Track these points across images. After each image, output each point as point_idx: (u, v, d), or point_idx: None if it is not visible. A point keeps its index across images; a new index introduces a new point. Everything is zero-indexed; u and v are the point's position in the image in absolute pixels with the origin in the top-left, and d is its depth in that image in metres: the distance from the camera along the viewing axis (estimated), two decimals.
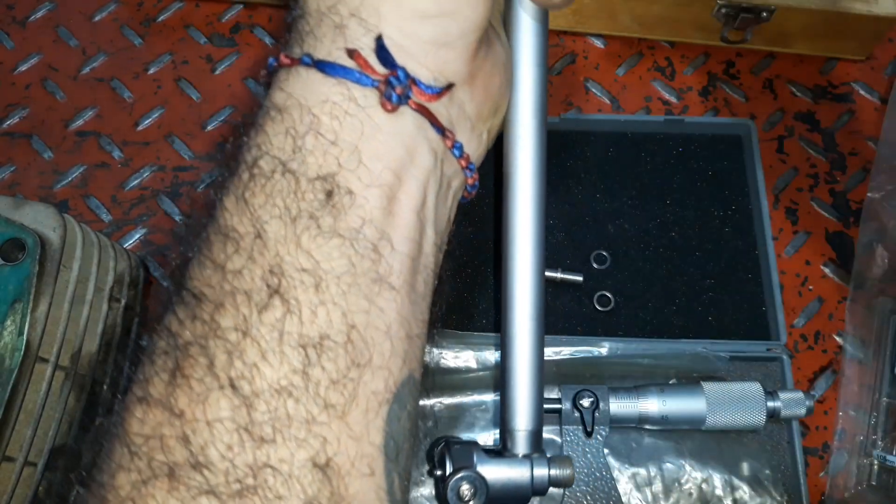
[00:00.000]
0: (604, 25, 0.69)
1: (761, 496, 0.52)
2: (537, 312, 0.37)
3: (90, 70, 0.70)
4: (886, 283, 0.57)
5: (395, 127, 0.29)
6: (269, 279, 0.26)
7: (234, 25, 0.72)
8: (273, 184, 0.28)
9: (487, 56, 0.33)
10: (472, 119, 0.33)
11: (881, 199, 0.59)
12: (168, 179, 0.66)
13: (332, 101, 0.29)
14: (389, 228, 0.29)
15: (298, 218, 0.27)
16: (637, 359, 0.55)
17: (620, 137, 0.65)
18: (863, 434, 0.54)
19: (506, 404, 0.38)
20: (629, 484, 0.53)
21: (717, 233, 0.61)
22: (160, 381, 0.26)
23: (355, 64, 0.29)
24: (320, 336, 0.26)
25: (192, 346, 0.26)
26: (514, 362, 0.38)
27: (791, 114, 0.67)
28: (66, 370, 0.48)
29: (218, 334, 0.26)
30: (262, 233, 0.27)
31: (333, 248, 0.27)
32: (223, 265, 0.27)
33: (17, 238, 0.45)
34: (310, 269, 0.27)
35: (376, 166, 0.28)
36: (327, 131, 0.28)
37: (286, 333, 0.26)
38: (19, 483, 0.46)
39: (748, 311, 0.59)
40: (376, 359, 0.28)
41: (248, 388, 0.25)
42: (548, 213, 0.62)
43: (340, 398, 0.26)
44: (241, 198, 0.28)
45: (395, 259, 0.29)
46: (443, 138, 0.31)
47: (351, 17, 0.29)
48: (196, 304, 0.27)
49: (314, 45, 0.29)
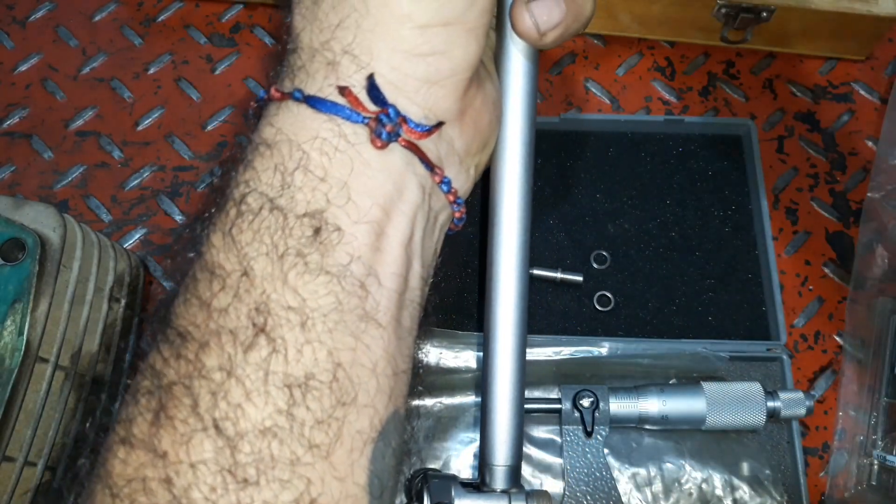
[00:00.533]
0: (604, 25, 0.69)
1: (761, 496, 0.52)
2: (518, 352, 0.37)
3: (90, 70, 0.70)
4: (886, 283, 0.57)
5: (384, 163, 0.29)
6: (255, 317, 0.26)
7: (234, 25, 0.72)
8: (261, 220, 0.28)
9: (478, 94, 0.33)
10: (461, 155, 0.33)
11: (881, 199, 0.59)
12: (168, 179, 0.66)
13: (321, 137, 0.29)
14: (377, 264, 0.29)
15: (286, 255, 0.27)
16: (637, 359, 0.55)
17: (620, 137, 0.65)
18: (863, 434, 0.54)
19: (485, 440, 0.38)
20: (629, 484, 0.53)
21: (717, 233, 0.61)
22: (143, 421, 0.26)
23: (346, 101, 0.29)
24: (306, 375, 0.26)
25: (176, 385, 0.26)
26: (494, 398, 0.37)
27: (791, 114, 0.67)
28: (66, 370, 0.48)
29: (202, 374, 0.26)
30: (249, 270, 0.27)
31: (321, 286, 0.27)
32: (209, 303, 0.27)
33: (18, 238, 0.45)
34: (296, 307, 0.27)
35: (365, 202, 0.29)
36: (316, 167, 0.28)
37: (271, 373, 0.26)
38: (19, 483, 0.46)
39: (748, 311, 0.59)
40: (362, 397, 0.27)
41: (232, 429, 0.25)
42: (548, 212, 0.63)
43: (325, 438, 0.26)
44: (228, 234, 0.28)
45: (382, 295, 0.29)
46: (431, 174, 0.31)
47: (344, 55, 0.29)
48: (181, 342, 0.27)
49: (306, 81, 0.30)
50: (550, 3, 0.32)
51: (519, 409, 0.38)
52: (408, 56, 0.29)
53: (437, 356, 0.56)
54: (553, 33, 0.33)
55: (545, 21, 0.32)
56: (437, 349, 0.56)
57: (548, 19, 0.32)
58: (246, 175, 0.29)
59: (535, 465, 0.53)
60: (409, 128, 0.30)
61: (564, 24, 0.32)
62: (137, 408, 0.27)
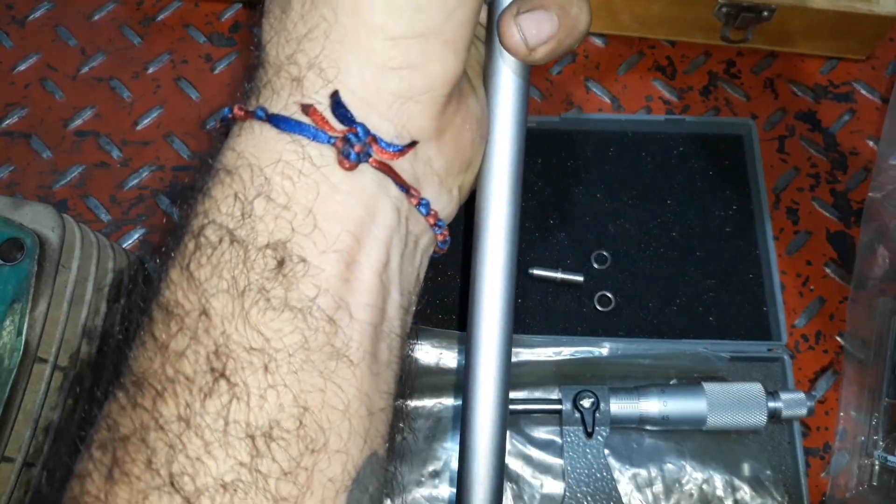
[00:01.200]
0: (604, 25, 0.69)
1: (762, 497, 0.52)
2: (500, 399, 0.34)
3: (89, 69, 0.70)
4: (887, 283, 0.57)
5: (353, 186, 0.27)
6: (214, 361, 0.24)
7: (234, 25, 0.72)
8: (220, 254, 0.26)
9: (458, 110, 0.31)
10: (441, 175, 0.31)
11: (882, 199, 0.59)
12: (167, 179, 0.66)
13: (284, 161, 0.26)
14: (348, 295, 0.26)
15: (247, 291, 0.25)
16: (638, 359, 0.55)
17: (621, 137, 0.65)
18: (864, 434, 0.54)
19: (462, 487, 0.35)
20: (630, 485, 0.53)
21: (717, 233, 0.61)
22: (99, 476, 0.24)
23: (311, 120, 0.27)
24: (270, 423, 0.24)
25: (132, 438, 0.24)
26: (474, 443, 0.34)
27: (792, 113, 0.67)
28: (65, 370, 0.48)
29: (160, 424, 0.24)
30: (208, 308, 0.25)
31: (285, 323, 0.25)
32: (166, 345, 0.25)
33: (16, 238, 0.45)
34: (259, 348, 0.25)
35: (333, 229, 0.26)
36: (279, 194, 0.26)
37: (232, 422, 0.24)
38: (18, 483, 0.46)
39: (749, 311, 0.59)
40: (333, 442, 0.25)
41: (190, 485, 0.23)
42: (548, 212, 0.63)
43: (293, 490, 0.24)
44: (186, 269, 0.26)
45: (354, 329, 0.26)
46: (407, 196, 0.29)
47: (309, 69, 0.27)
48: (136, 390, 0.25)
49: (271, 98, 0.28)
50: (541, 17, 0.30)
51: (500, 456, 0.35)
52: (380, 69, 0.27)
53: (437, 356, 0.56)
54: (543, 49, 0.30)
55: (534, 35, 0.30)
56: (437, 349, 0.56)
57: (537, 34, 0.30)
58: (205, 205, 0.27)
59: (535, 466, 0.53)
60: (380, 147, 0.28)
61: (556, 39, 0.30)
62: (92, 462, 0.25)
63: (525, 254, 0.61)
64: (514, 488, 0.53)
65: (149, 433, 0.24)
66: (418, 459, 0.53)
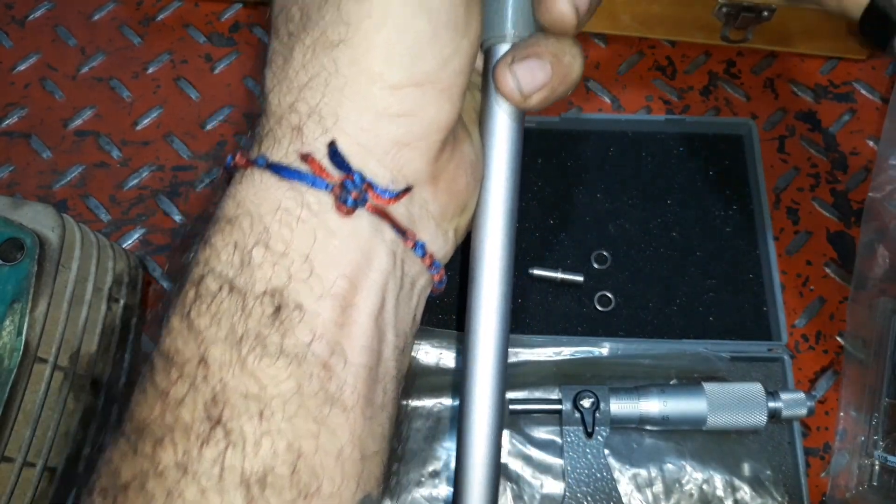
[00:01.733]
0: (604, 25, 0.69)
1: (762, 497, 0.52)
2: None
3: (89, 69, 0.70)
4: (888, 284, 0.57)
5: (350, 231, 0.28)
6: (212, 409, 0.25)
7: (234, 24, 0.72)
8: (219, 303, 0.26)
9: (453, 156, 0.31)
10: (437, 218, 0.31)
11: (882, 199, 0.59)
12: (167, 179, 0.66)
13: (283, 208, 0.27)
14: (344, 339, 0.27)
15: (245, 339, 0.26)
16: (638, 359, 0.55)
17: (621, 137, 0.65)
18: (864, 435, 0.54)
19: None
20: (630, 485, 0.53)
21: (717, 233, 0.61)
22: None
23: (309, 168, 0.28)
24: (264, 469, 0.25)
25: (132, 484, 0.25)
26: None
27: (792, 113, 0.67)
28: (65, 370, 0.48)
29: (158, 471, 0.25)
30: (207, 357, 0.26)
31: (280, 370, 0.26)
32: (167, 392, 0.26)
33: (16, 238, 0.45)
34: (255, 395, 0.25)
35: (330, 274, 0.27)
36: (277, 242, 0.27)
37: (227, 469, 0.25)
38: (18, 483, 0.46)
39: (749, 311, 0.59)
40: (326, 487, 0.26)
41: None
42: (548, 212, 0.63)
43: None
44: (187, 317, 0.27)
45: (349, 373, 0.27)
46: (403, 239, 0.30)
47: (309, 117, 0.28)
48: (137, 437, 0.26)
49: (272, 147, 0.28)
50: (534, 65, 0.31)
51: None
52: (378, 116, 0.28)
53: (437, 356, 0.56)
54: (537, 96, 0.31)
55: (528, 83, 0.31)
56: (437, 349, 0.56)
57: (531, 81, 0.31)
58: (205, 253, 0.28)
59: (535, 466, 0.53)
60: (376, 193, 0.28)
61: (550, 86, 0.31)
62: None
63: (525, 254, 0.61)
64: (514, 488, 0.53)
65: (148, 480, 0.25)
66: (418, 459, 0.53)
